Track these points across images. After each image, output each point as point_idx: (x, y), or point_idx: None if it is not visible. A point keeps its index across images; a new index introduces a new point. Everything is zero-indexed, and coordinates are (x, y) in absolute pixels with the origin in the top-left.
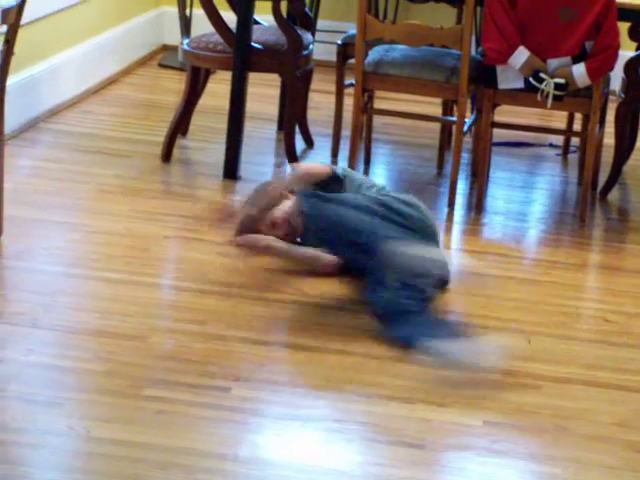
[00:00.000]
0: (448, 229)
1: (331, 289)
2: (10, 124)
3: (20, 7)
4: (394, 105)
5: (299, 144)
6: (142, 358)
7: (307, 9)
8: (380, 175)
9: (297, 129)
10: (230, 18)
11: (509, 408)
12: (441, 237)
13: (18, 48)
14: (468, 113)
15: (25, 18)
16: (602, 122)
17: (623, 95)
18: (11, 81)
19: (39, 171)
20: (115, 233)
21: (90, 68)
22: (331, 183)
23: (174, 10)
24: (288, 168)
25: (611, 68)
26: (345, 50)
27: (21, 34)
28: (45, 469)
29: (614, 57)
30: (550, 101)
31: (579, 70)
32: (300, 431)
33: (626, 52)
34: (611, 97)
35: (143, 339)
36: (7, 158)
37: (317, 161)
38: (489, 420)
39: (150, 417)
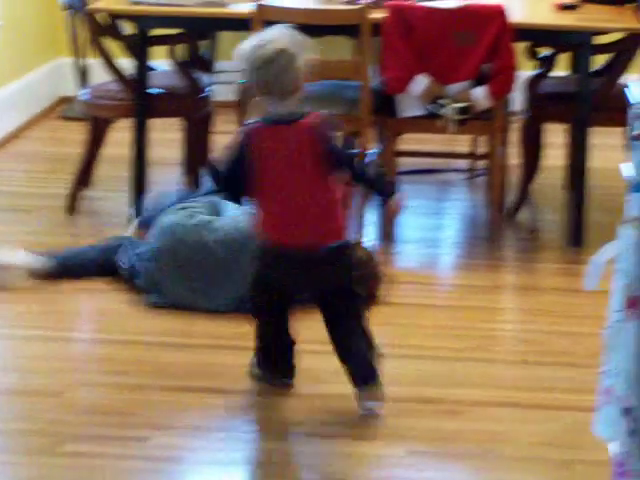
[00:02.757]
0: None
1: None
2: None
3: None
4: None
5: None
6: (62, 414)
7: (203, 51)
8: None
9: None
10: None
11: (432, 436)
12: None
13: None
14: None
15: None
16: (505, 143)
17: (528, 114)
18: None
19: None
20: (26, 288)
21: None
22: None
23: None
24: None
25: (511, 88)
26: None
27: None
28: None
29: (513, 77)
30: (452, 126)
31: (479, 93)
32: (223, 475)
33: (523, 72)
34: (511, 118)
35: (60, 394)
36: None
37: None
38: (413, 450)
39: (70, 474)
